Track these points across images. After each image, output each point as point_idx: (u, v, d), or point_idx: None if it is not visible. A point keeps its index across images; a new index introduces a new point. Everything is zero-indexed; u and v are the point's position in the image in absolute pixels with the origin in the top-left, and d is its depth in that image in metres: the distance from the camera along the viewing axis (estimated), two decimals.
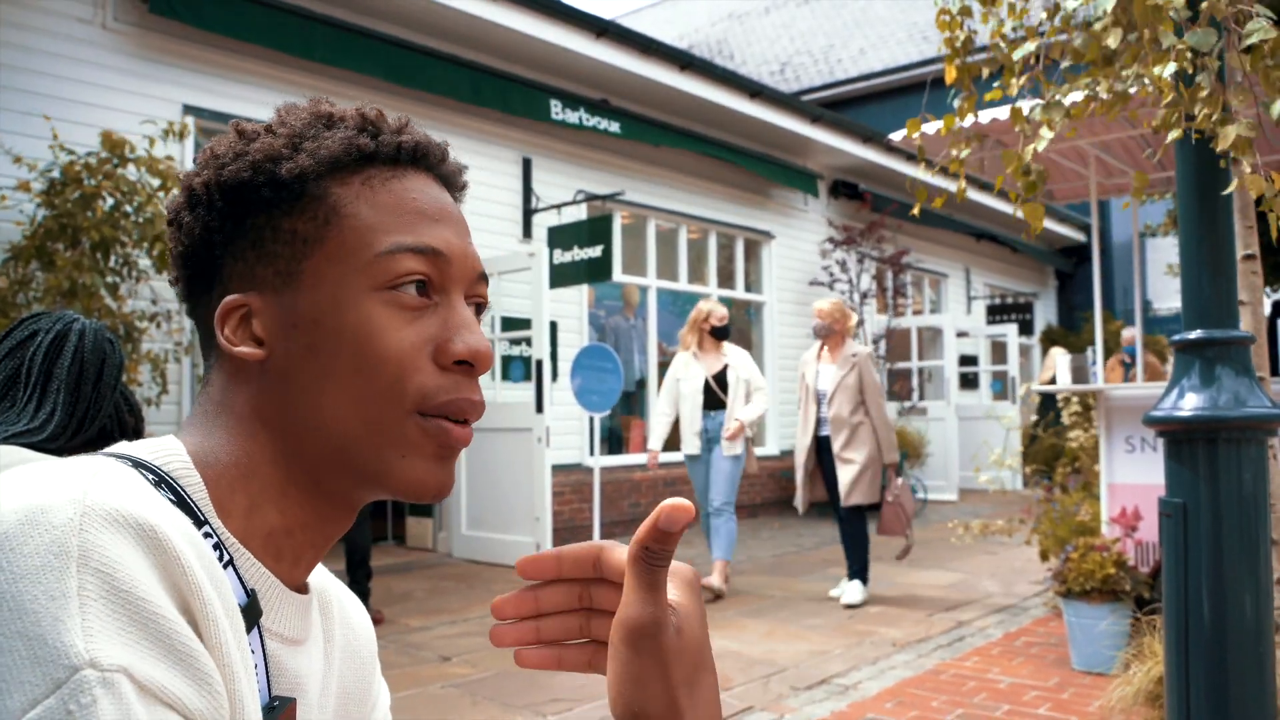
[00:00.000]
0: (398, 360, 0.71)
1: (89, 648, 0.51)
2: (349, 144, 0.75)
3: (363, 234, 0.73)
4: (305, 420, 0.72)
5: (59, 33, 5.84)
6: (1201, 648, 2.34)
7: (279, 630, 0.73)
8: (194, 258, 0.76)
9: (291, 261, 0.73)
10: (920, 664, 4.73)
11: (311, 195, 0.74)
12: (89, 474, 0.59)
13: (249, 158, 0.74)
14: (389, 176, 0.76)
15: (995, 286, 16.41)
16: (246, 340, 0.74)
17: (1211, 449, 2.39)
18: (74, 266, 4.87)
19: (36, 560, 0.53)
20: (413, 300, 0.73)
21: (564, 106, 8.42)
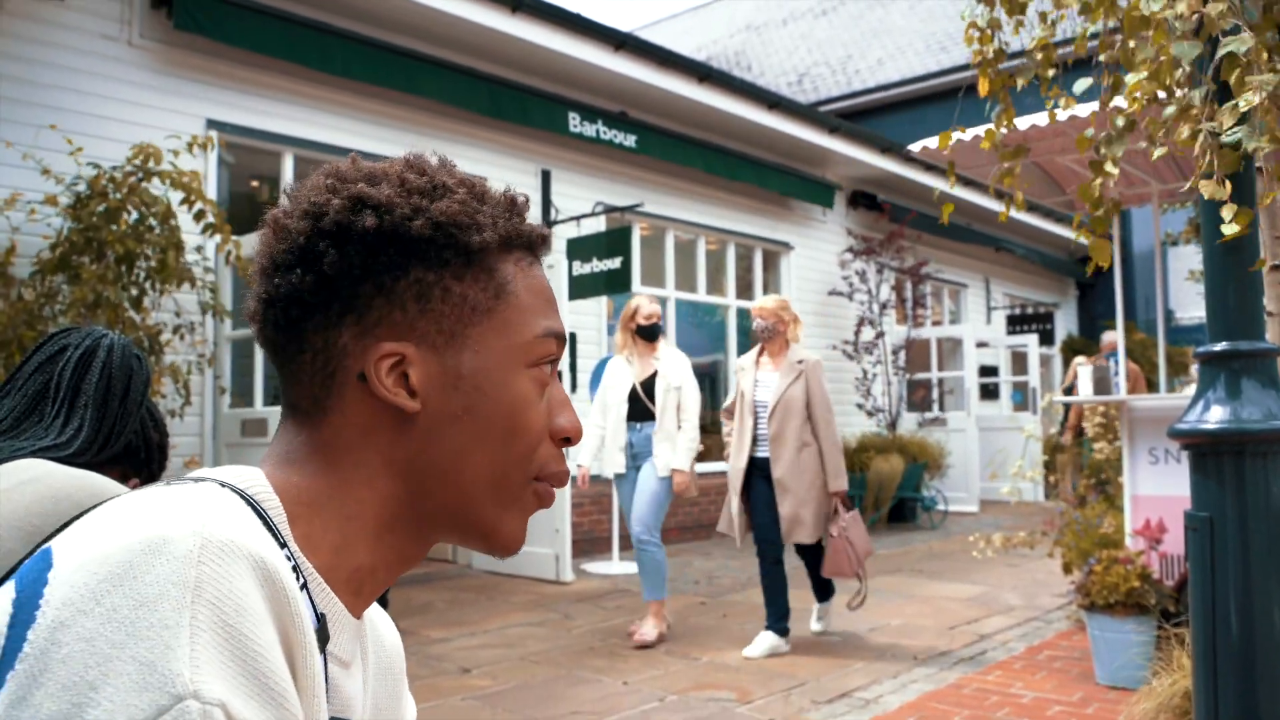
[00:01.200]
0: (537, 432, 0.80)
1: (194, 679, 0.54)
2: (516, 228, 0.81)
3: (524, 314, 0.80)
4: (443, 474, 0.77)
5: (85, 49, 5.90)
6: (1230, 662, 2.32)
7: (339, 654, 0.75)
8: (331, 290, 0.74)
9: (458, 324, 0.77)
10: (942, 678, 4.70)
11: (485, 268, 0.79)
12: (205, 504, 0.63)
13: (431, 217, 0.76)
14: (530, 262, 0.83)
15: (1015, 296, 16.34)
16: (400, 389, 0.75)
17: (1238, 462, 2.37)
18: (98, 279, 4.92)
19: (157, 589, 0.56)
20: (545, 378, 0.81)
21: (582, 119, 8.46)
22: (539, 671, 4.78)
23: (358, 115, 7.21)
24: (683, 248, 10.24)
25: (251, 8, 6.34)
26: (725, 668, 4.86)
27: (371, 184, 0.77)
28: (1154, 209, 6.08)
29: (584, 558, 8.31)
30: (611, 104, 9.08)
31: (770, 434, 5.25)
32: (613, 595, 6.77)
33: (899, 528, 10.71)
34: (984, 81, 3.03)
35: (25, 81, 5.64)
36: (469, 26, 7.47)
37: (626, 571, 7.69)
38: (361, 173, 0.79)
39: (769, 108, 10.24)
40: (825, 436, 5.22)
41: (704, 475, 9.92)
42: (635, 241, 8.27)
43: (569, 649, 5.21)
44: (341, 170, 0.79)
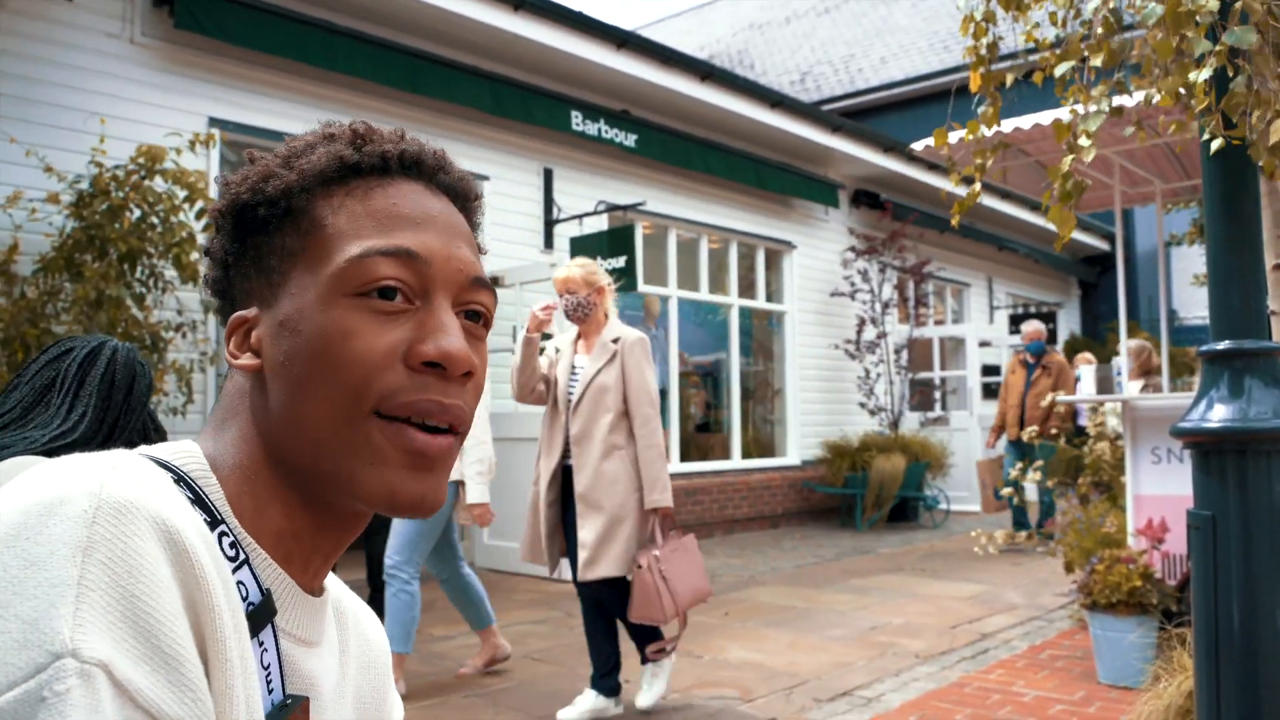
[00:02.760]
0: (362, 362, 0.70)
1: (74, 637, 0.52)
2: (332, 157, 0.76)
3: (336, 241, 0.74)
4: (285, 426, 0.72)
5: (87, 47, 5.91)
6: (1233, 662, 2.31)
7: (293, 630, 0.74)
8: (219, 282, 0.80)
9: (278, 274, 0.75)
10: (943, 676, 4.70)
11: (298, 209, 0.76)
12: (108, 467, 0.61)
13: (249, 180, 0.77)
14: (373, 187, 0.76)
15: (1018, 296, 16.33)
16: (247, 352, 0.76)
17: (1241, 461, 2.36)
18: (101, 277, 4.92)
19: (48, 548, 0.55)
20: (384, 305, 0.72)
21: (585, 117, 8.46)
22: (541, 669, 4.78)
23: (360, 113, 7.21)
24: (685, 246, 10.24)
25: (253, 6, 6.34)
26: (727, 665, 4.86)
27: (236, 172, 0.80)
28: (1157, 209, 6.08)
29: None
30: (614, 102, 9.08)
31: (574, 433, 4.11)
32: None
33: (901, 527, 10.70)
34: (975, 77, 3.02)
35: (27, 79, 5.64)
36: (471, 25, 7.47)
37: None
38: None
39: (771, 106, 10.23)
40: (642, 436, 4.06)
41: (700, 475, 9.92)
42: (638, 240, 8.25)
43: (571, 647, 5.21)
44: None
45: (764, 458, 11.05)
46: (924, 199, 13.08)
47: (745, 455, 10.75)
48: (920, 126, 14.36)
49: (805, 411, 11.35)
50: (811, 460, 11.17)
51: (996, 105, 2.98)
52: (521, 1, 7.59)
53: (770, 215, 11.08)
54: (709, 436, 10.87)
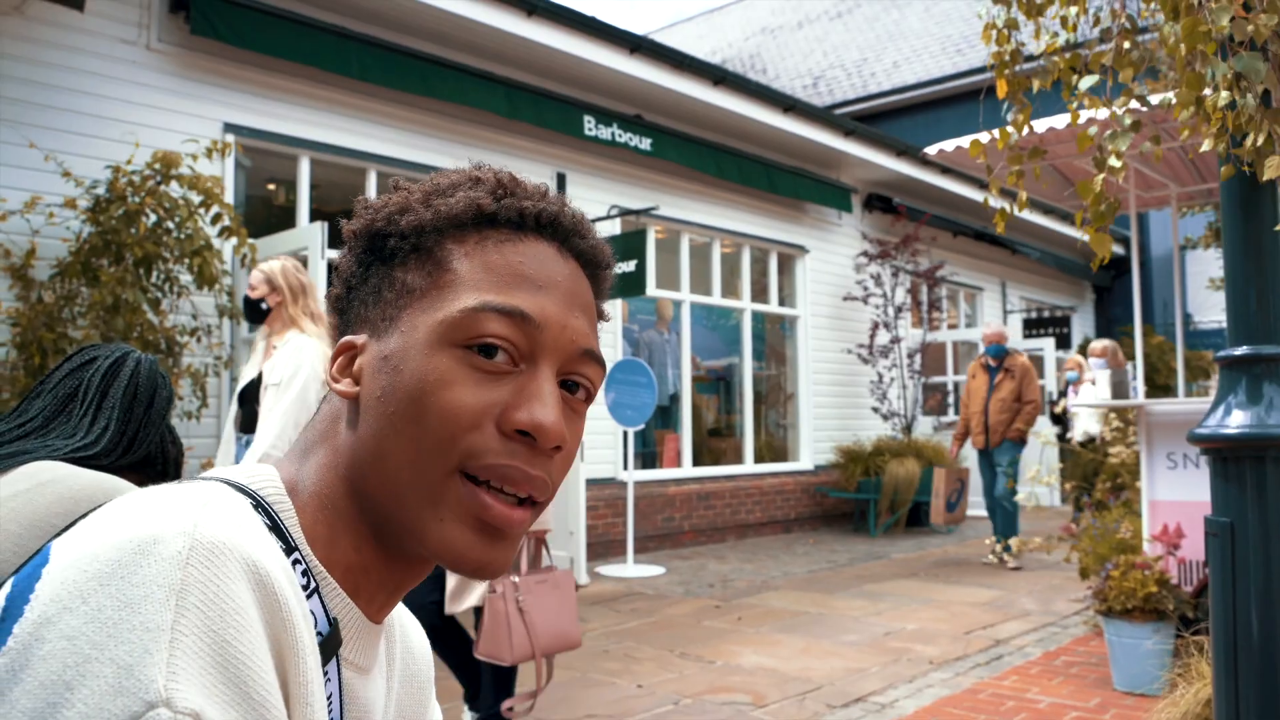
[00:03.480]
0: (454, 416, 0.70)
1: (169, 686, 0.52)
2: (470, 203, 0.76)
3: (455, 288, 0.73)
4: (368, 462, 0.72)
5: (104, 53, 5.94)
6: (1252, 670, 2.30)
7: (355, 660, 0.74)
8: (339, 300, 0.80)
9: (396, 309, 0.75)
10: (958, 683, 4.68)
11: (426, 249, 0.75)
12: (200, 504, 0.62)
13: (386, 209, 0.77)
14: (503, 240, 0.76)
15: (1031, 300, 16.27)
16: (347, 378, 0.76)
17: (1259, 467, 2.35)
18: (117, 282, 4.95)
19: (142, 590, 0.55)
20: (487, 363, 0.71)
21: (598, 122, 8.47)
22: (554, 674, 4.77)
23: (373, 119, 7.24)
24: (698, 251, 10.24)
25: (268, 12, 6.37)
26: (740, 671, 4.86)
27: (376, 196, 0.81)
28: (1172, 212, 6.05)
29: (599, 560, 8.31)
30: (627, 107, 9.09)
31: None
32: (627, 598, 6.77)
33: (914, 532, 10.67)
34: (1001, 83, 3.02)
35: (44, 85, 5.67)
36: (484, 30, 7.49)
37: (641, 575, 7.69)
38: None
39: (784, 111, 10.22)
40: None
41: (713, 480, 9.92)
42: (650, 244, 8.26)
43: (583, 652, 5.21)
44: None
45: (777, 462, 11.03)
46: (937, 203, 13.05)
47: (758, 460, 10.73)
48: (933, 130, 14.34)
49: (818, 416, 11.33)
50: (824, 465, 11.14)
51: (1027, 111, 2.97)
52: (534, 7, 7.61)
53: (783, 219, 11.07)
54: (722, 441, 10.86)
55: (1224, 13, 2.15)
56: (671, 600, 6.70)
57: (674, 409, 10.05)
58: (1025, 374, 8.53)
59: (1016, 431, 8.37)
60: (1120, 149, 2.55)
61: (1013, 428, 8.36)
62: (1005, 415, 8.38)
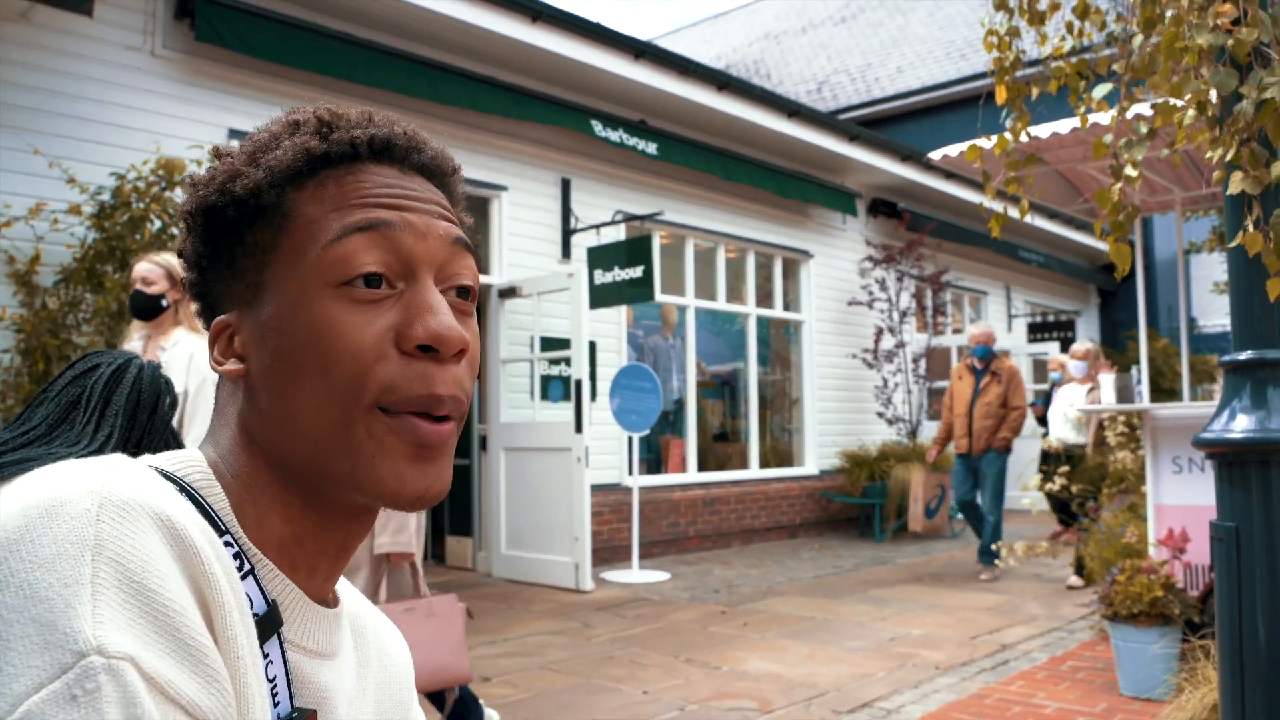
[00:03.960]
0: (355, 353, 0.68)
1: (97, 634, 0.51)
2: (299, 148, 0.74)
3: (310, 230, 0.71)
4: (280, 428, 0.71)
5: (109, 60, 5.96)
6: (1258, 674, 2.29)
7: (301, 642, 0.73)
8: (196, 285, 0.78)
9: (255, 273, 0.73)
10: (964, 688, 4.67)
11: (268, 207, 0.73)
12: (107, 467, 0.61)
13: (216, 180, 0.75)
14: (344, 175, 0.74)
15: (1036, 304, 16.26)
16: (231, 357, 0.75)
17: (1265, 471, 2.35)
18: (122, 288, 4.96)
19: (54, 549, 0.54)
20: (367, 293, 0.70)
21: (603, 127, 8.47)
22: (558, 680, 4.77)
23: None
24: (702, 256, 10.24)
25: (273, 19, 6.39)
26: (745, 676, 4.85)
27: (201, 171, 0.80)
28: (1177, 216, 6.05)
29: (604, 566, 8.31)
30: (631, 113, 9.10)
31: None
32: (633, 604, 6.77)
33: (920, 537, 10.64)
34: (1001, 90, 3.02)
35: (49, 92, 5.69)
36: (490, 36, 7.50)
37: (646, 580, 7.68)
38: None
39: (788, 116, 10.23)
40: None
41: (718, 485, 9.91)
42: (655, 250, 8.27)
43: (589, 658, 5.20)
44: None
45: (782, 467, 11.02)
46: (941, 208, 13.04)
47: (763, 465, 10.73)
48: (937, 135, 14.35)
49: (823, 421, 11.32)
50: (829, 470, 11.13)
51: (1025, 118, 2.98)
52: (539, 13, 7.62)
53: (787, 224, 11.07)
54: (727, 446, 10.85)
55: (1202, 29, 2.15)
56: (677, 606, 6.69)
57: (679, 414, 10.05)
58: (1012, 378, 8.15)
59: (1003, 441, 8.01)
60: (1136, 158, 2.55)
61: (998, 436, 8.00)
62: (990, 421, 8.02)
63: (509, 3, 7.42)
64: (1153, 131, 2.63)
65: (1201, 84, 2.21)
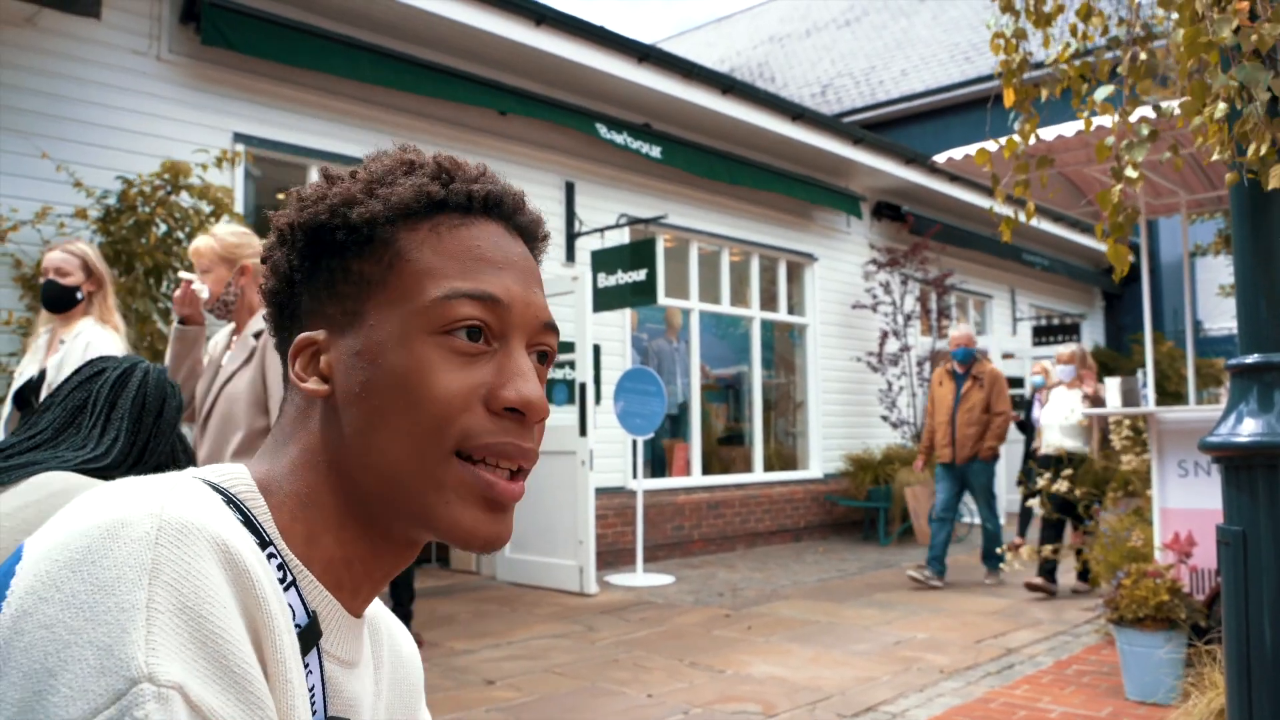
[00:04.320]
0: (445, 401, 0.72)
1: (149, 661, 0.53)
2: (419, 190, 0.77)
3: (421, 278, 0.74)
4: (357, 456, 0.73)
5: (115, 64, 5.97)
6: (1265, 679, 2.28)
7: (336, 653, 0.74)
8: (278, 294, 0.80)
9: (357, 302, 0.76)
10: (969, 692, 4.66)
11: (380, 240, 0.76)
12: (166, 489, 0.63)
13: (328, 201, 0.77)
14: (457, 224, 0.77)
15: (1041, 307, 16.23)
16: (314, 376, 0.76)
17: (1271, 476, 2.34)
18: (128, 292, 4.97)
19: (114, 572, 0.56)
20: (466, 346, 0.74)
21: (608, 130, 8.48)
22: (563, 684, 4.77)
23: (382, 129, 7.26)
24: (706, 259, 10.24)
25: (279, 23, 6.40)
26: (750, 680, 4.84)
27: (305, 187, 0.80)
28: (1182, 220, 6.04)
29: (608, 569, 8.30)
30: (636, 116, 9.10)
31: (201, 460, 3.00)
32: (637, 607, 6.76)
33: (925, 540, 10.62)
34: (1009, 92, 3.02)
35: (56, 96, 5.71)
36: (494, 40, 7.51)
37: (651, 584, 7.68)
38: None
39: (792, 119, 10.23)
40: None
41: (722, 488, 9.90)
42: (659, 253, 8.27)
43: (593, 661, 5.20)
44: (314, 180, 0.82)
45: (786, 470, 11.01)
46: (946, 211, 13.03)
47: (767, 468, 10.72)
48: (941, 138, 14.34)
49: (827, 424, 11.31)
50: (834, 473, 11.12)
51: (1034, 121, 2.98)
52: (543, 16, 7.63)
53: (792, 228, 11.07)
54: (731, 449, 10.84)
55: (1225, 24, 2.15)
56: (681, 609, 6.69)
57: (683, 418, 10.05)
58: (995, 382, 7.81)
59: (989, 450, 7.69)
60: (1137, 160, 2.55)
61: (984, 445, 7.68)
62: (974, 428, 7.69)
63: (513, 6, 7.43)
64: (1154, 134, 2.63)
65: (1230, 79, 2.20)
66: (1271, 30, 2.13)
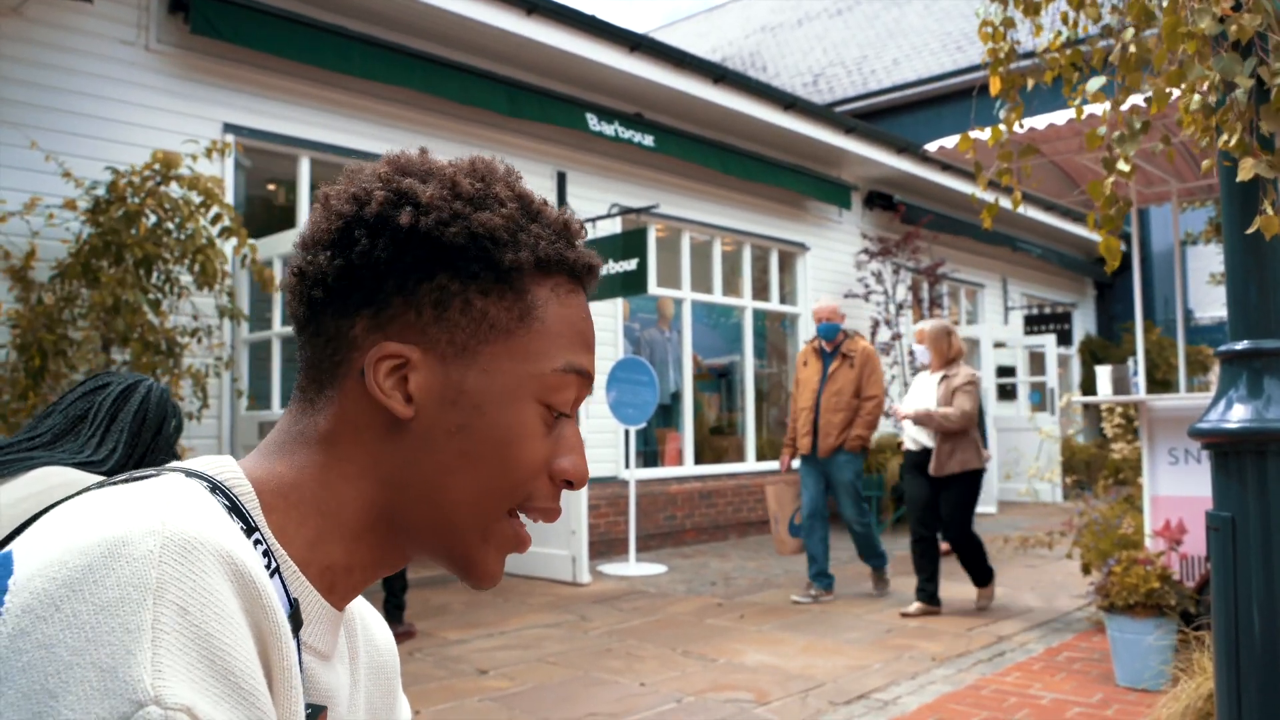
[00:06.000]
0: (531, 469, 0.75)
1: (155, 684, 0.52)
2: (559, 254, 0.77)
3: (547, 344, 0.76)
4: (428, 489, 0.74)
5: (104, 54, 5.94)
6: (1254, 665, 2.30)
7: (314, 644, 0.74)
8: (352, 277, 0.74)
9: (471, 339, 0.74)
10: (960, 679, 4.68)
11: (513, 287, 0.75)
12: (164, 500, 0.62)
13: (469, 226, 0.74)
14: (569, 291, 0.79)
15: (1033, 296, 16.27)
16: (396, 392, 0.73)
17: (1260, 462, 2.35)
18: (118, 283, 4.95)
19: (116, 592, 0.55)
20: (553, 420, 0.77)
21: (599, 120, 8.46)
22: (556, 673, 4.78)
23: (373, 119, 7.24)
24: (698, 249, 10.23)
25: (268, 12, 6.37)
26: (742, 669, 4.86)
27: (423, 180, 0.76)
28: (1173, 208, 6.05)
29: (600, 559, 8.31)
30: (627, 105, 9.08)
31: None
32: (629, 597, 6.77)
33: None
34: (995, 81, 3.02)
35: (44, 86, 5.68)
36: (484, 29, 7.48)
37: (643, 573, 7.69)
38: (420, 167, 0.78)
39: (784, 108, 10.22)
40: None
41: (714, 478, 9.91)
42: (651, 242, 8.26)
43: (586, 650, 5.21)
44: (403, 161, 0.79)
45: (778, 460, 11.02)
46: (937, 200, 13.04)
47: (760, 458, 10.73)
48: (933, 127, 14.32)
49: None
50: None
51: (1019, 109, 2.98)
52: (534, 5, 7.61)
53: (783, 217, 11.07)
54: (723, 439, 10.86)
55: (1203, 14, 2.15)
56: (674, 598, 6.70)
57: (675, 407, 10.06)
58: (867, 362, 6.70)
59: (857, 440, 6.56)
60: (1129, 153, 2.55)
61: (851, 434, 6.56)
62: (841, 414, 6.56)
63: None
64: (1146, 125, 2.63)
65: (1205, 69, 2.20)
66: (1251, 21, 2.13)
